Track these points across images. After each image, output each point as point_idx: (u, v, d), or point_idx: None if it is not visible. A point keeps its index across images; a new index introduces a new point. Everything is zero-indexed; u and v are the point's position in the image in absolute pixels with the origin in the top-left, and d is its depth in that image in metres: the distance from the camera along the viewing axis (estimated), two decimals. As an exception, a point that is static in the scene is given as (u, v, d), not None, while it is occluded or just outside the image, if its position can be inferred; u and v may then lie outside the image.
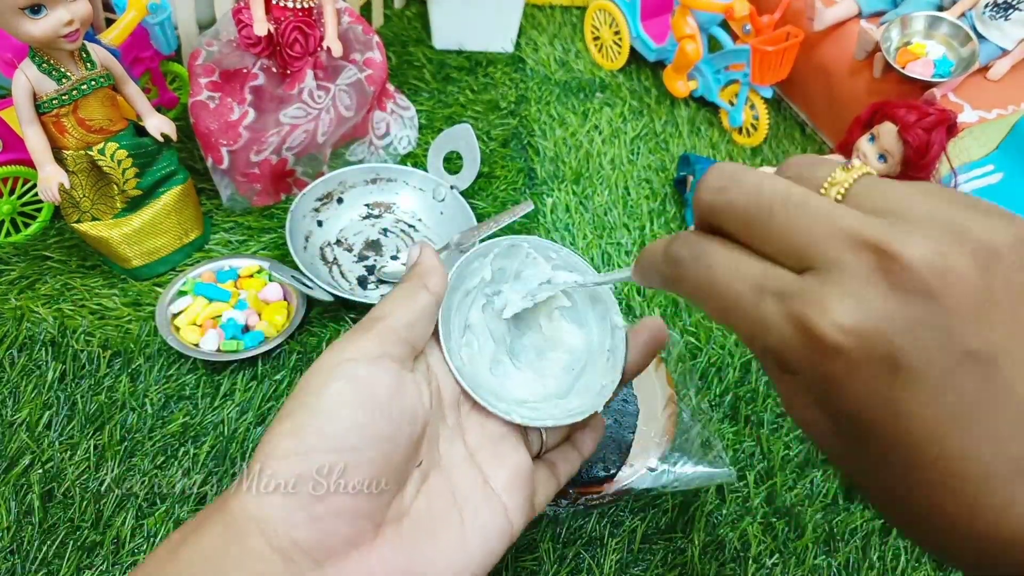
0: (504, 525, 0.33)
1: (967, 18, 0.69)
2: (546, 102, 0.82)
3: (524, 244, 0.39)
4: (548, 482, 0.38)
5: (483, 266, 0.39)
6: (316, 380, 0.31)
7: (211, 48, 0.63)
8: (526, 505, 0.34)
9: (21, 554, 0.45)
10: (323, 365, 0.31)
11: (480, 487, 0.34)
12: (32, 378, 0.54)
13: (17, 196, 0.61)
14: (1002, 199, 0.65)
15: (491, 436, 0.36)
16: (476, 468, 0.34)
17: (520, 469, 0.35)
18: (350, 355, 0.31)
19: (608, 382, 0.38)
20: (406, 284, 0.35)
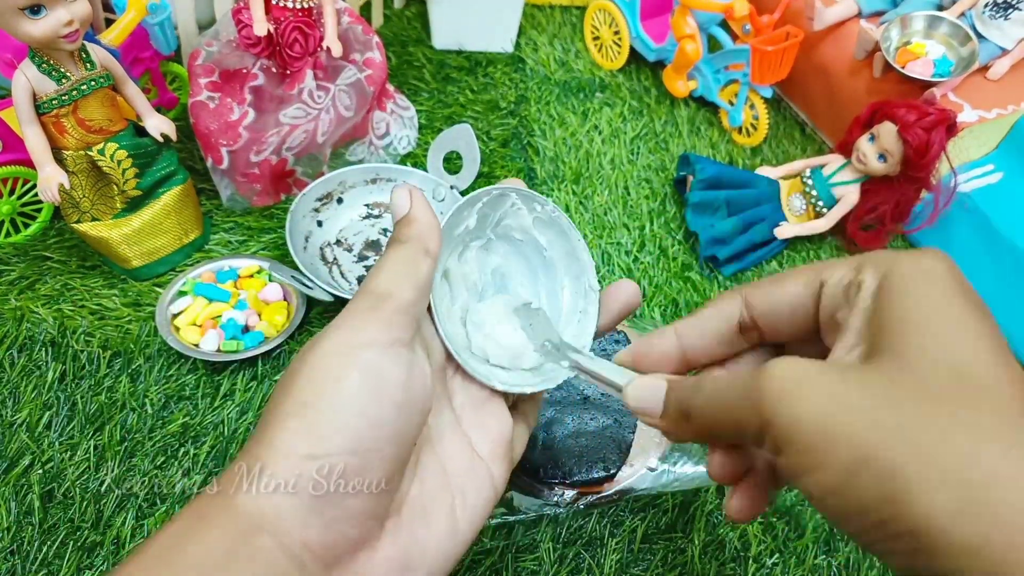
0: (490, 493, 0.33)
1: (967, 18, 0.69)
2: (546, 102, 0.82)
3: (512, 194, 0.39)
4: (522, 434, 0.37)
5: (470, 214, 0.38)
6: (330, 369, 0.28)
7: (211, 48, 0.63)
8: (508, 468, 0.34)
9: (21, 554, 0.45)
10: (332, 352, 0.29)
11: (468, 457, 0.33)
12: (32, 378, 0.54)
13: (17, 196, 0.61)
14: (1002, 199, 0.65)
15: (474, 399, 0.35)
16: (463, 435, 0.34)
17: (503, 435, 0.35)
18: (363, 341, 0.29)
19: (580, 346, 0.38)
20: (406, 247, 0.32)
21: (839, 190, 0.67)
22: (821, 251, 0.69)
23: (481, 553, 0.47)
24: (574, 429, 0.50)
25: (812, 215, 0.69)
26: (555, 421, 0.50)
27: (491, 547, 0.48)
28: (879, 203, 0.66)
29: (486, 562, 0.47)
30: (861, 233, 0.68)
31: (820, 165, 0.69)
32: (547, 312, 0.39)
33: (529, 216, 0.40)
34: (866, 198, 0.66)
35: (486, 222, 0.40)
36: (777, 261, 0.69)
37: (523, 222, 0.40)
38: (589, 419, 0.50)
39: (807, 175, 0.69)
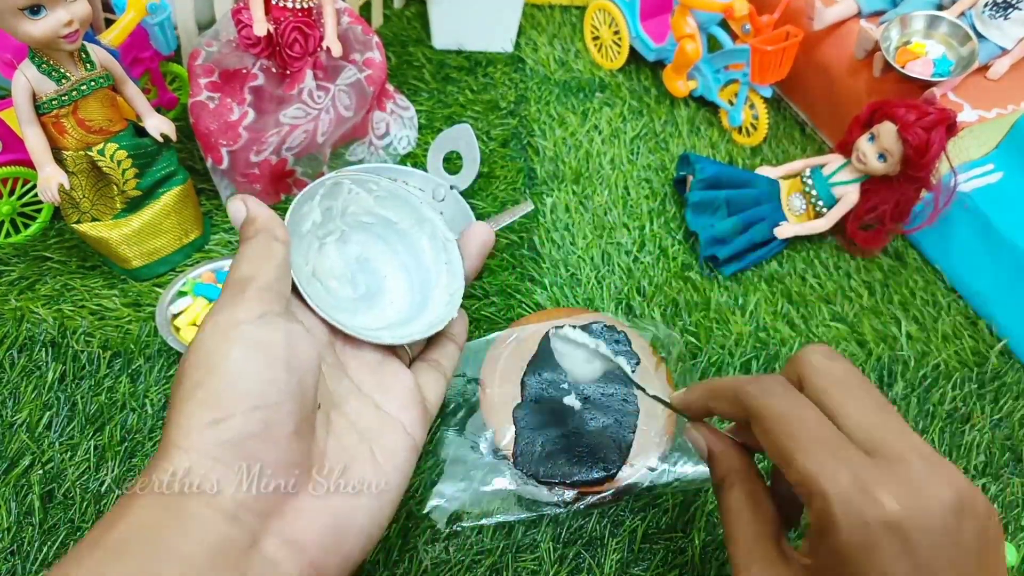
0: (407, 440, 0.37)
1: (967, 17, 0.69)
2: (546, 102, 0.82)
3: (345, 181, 0.42)
4: (437, 381, 0.41)
5: (312, 209, 0.41)
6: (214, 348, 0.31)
7: (211, 48, 0.63)
8: (421, 415, 0.38)
9: (21, 555, 0.45)
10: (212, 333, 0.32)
11: (376, 415, 0.37)
12: (32, 379, 0.54)
13: (17, 197, 0.61)
14: (1002, 198, 0.65)
15: (369, 364, 0.39)
16: (367, 397, 0.37)
17: (406, 387, 0.39)
18: (238, 319, 0.32)
19: (454, 290, 0.43)
20: (256, 240, 0.35)
21: (839, 190, 0.67)
22: (821, 251, 0.69)
23: (481, 553, 0.48)
24: (574, 429, 0.50)
25: (812, 215, 0.69)
26: (555, 422, 0.50)
27: (491, 547, 0.48)
28: (879, 203, 0.66)
29: (486, 562, 0.47)
30: (861, 233, 0.68)
31: (820, 165, 0.69)
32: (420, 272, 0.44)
33: (370, 197, 0.43)
34: (866, 198, 0.66)
35: (332, 214, 0.42)
36: (777, 261, 0.69)
37: (366, 204, 0.43)
38: (589, 419, 0.50)
39: (807, 175, 0.69)
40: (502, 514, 0.48)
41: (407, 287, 0.45)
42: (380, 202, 0.44)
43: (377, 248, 0.45)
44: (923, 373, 0.61)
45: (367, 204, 0.44)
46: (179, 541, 0.28)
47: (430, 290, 0.44)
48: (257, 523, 0.30)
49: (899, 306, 0.66)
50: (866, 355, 0.62)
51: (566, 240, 0.68)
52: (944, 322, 0.65)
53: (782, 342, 0.62)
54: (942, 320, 0.65)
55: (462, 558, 0.47)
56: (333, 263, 0.43)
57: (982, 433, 0.57)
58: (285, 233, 0.37)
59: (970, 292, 0.67)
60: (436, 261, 0.44)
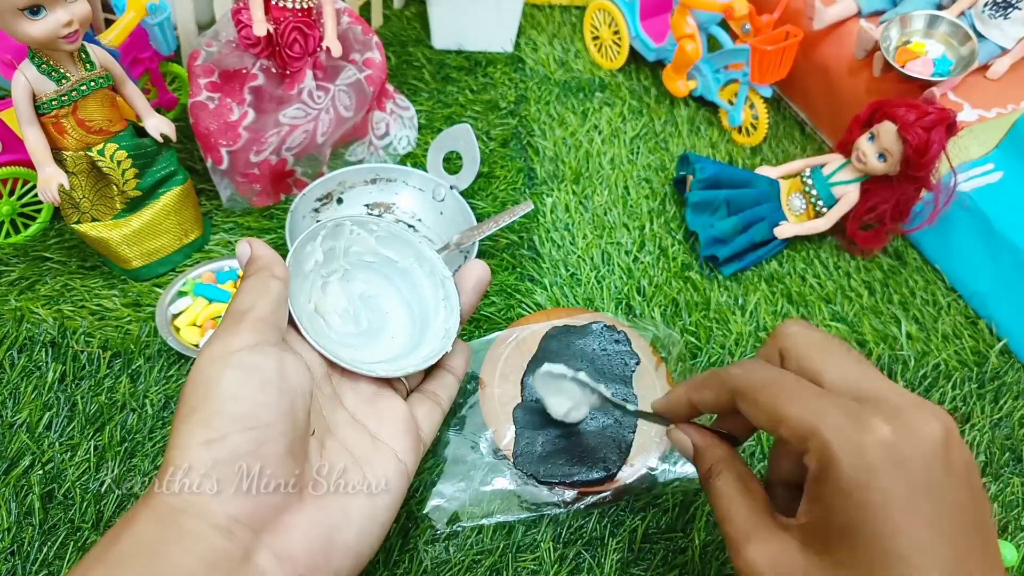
0: (399, 467, 0.39)
1: (966, 17, 0.69)
2: (545, 102, 0.82)
3: (347, 223, 0.44)
4: (432, 412, 0.43)
5: (314, 249, 0.43)
6: (209, 375, 0.33)
7: (210, 48, 0.63)
8: (414, 444, 0.40)
9: (21, 555, 0.45)
10: (209, 361, 0.34)
11: (370, 442, 0.38)
12: (32, 379, 0.54)
13: (17, 197, 0.61)
14: (1002, 198, 0.65)
15: (365, 396, 0.41)
16: (361, 426, 0.39)
17: (400, 417, 0.40)
18: (233, 347, 0.34)
19: (450, 325, 0.44)
20: (255, 277, 0.38)
21: (839, 189, 0.67)
22: (821, 251, 0.69)
23: (481, 553, 0.48)
24: (573, 429, 0.50)
25: (812, 214, 0.69)
26: (555, 422, 0.50)
27: (491, 547, 0.48)
28: (879, 202, 0.66)
29: (486, 562, 0.47)
30: (861, 233, 0.68)
31: (820, 164, 0.69)
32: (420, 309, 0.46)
33: (371, 237, 0.46)
34: (866, 197, 0.66)
35: (335, 254, 0.45)
36: (777, 261, 0.69)
37: (369, 245, 0.46)
38: (589, 419, 0.50)
39: (807, 174, 0.69)
40: (502, 514, 0.48)
41: (408, 322, 0.46)
42: (381, 242, 0.46)
43: (380, 285, 0.47)
44: (923, 373, 0.61)
45: (369, 244, 0.46)
46: (177, 554, 0.30)
47: (428, 325, 0.46)
48: (250, 537, 0.32)
49: (899, 306, 0.66)
50: (866, 355, 0.62)
51: (566, 240, 0.68)
52: (944, 322, 0.65)
53: (782, 342, 0.62)
54: (942, 320, 0.65)
55: (462, 558, 0.47)
56: (336, 300, 0.45)
57: (982, 433, 0.57)
58: (284, 271, 0.39)
59: (970, 292, 0.67)
60: (435, 297, 0.46)
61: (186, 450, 0.32)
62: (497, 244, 0.67)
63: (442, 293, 0.45)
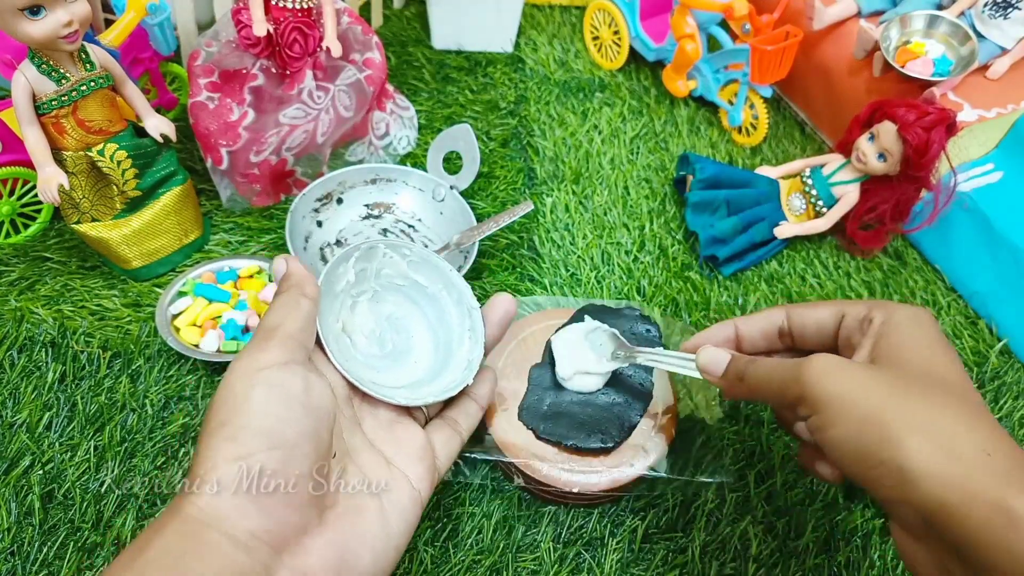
0: (413, 494, 0.39)
1: (966, 17, 0.69)
2: (545, 102, 0.82)
3: (380, 245, 0.45)
4: (451, 439, 0.43)
5: (347, 270, 0.44)
6: (238, 390, 0.34)
7: (210, 49, 0.63)
8: (428, 472, 0.40)
9: (22, 555, 0.45)
10: (238, 376, 0.35)
11: (385, 468, 0.39)
12: (32, 379, 0.54)
13: (17, 197, 0.61)
14: (1002, 198, 0.65)
15: (383, 422, 0.41)
16: (377, 452, 0.40)
17: (416, 445, 0.41)
18: (261, 364, 0.35)
19: (474, 357, 0.44)
20: (286, 294, 0.38)
21: (839, 189, 0.67)
22: (821, 251, 0.69)
23: (481, 553, 0.48)
24: (584, 398, 0.50)
25: (812, 214, 0.69)
26: (568, 388, 0.50)
27: (491, 547, 0.48)
28: (879, 202, 0.66)
29: (486, 562, 0.47)
30: (861, 233, 0.68)
31: (820, 164, 0.69)
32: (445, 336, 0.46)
33: (403, 261, 0.46)
34: (866, 197, 0.66)
35: (366, 275, 0.45)
36: (777, 261, 0.69)
37: (400, 268, 0.46)
38: (601, 393, 0.50)
39: (807, 174, 0.69)
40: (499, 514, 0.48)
41: (432, 348, 0.47)
42: (412, 266, 0.46)
43: (407, 309, 0.47)
44: (923, 373, 0.61)
45: (400, 267, 0.46)
46: (199, 567, 0.30)
47: (452, 354, 0.46)
48: (270, 555, 0.32)
49: (899, 306, 0.66)
50: (866, 355, 0.62)
51: (566, 240, 0.68)
52: (944, 322, 0.65)
53: (782, 342, 0.62)
54: (942, 320, 0.65)
55: (462, 558, 0.47)
56: (364, 320, 0.45)
57: (982, 433, 0.57)
58: (315, 290, 0.39)
59: (970, 292, 0.67)
60: (461, 327, 0.46)
61: (214, 464, 0.32)
62: (497, 244, 0.67)
63: (468, 323, 0.45)
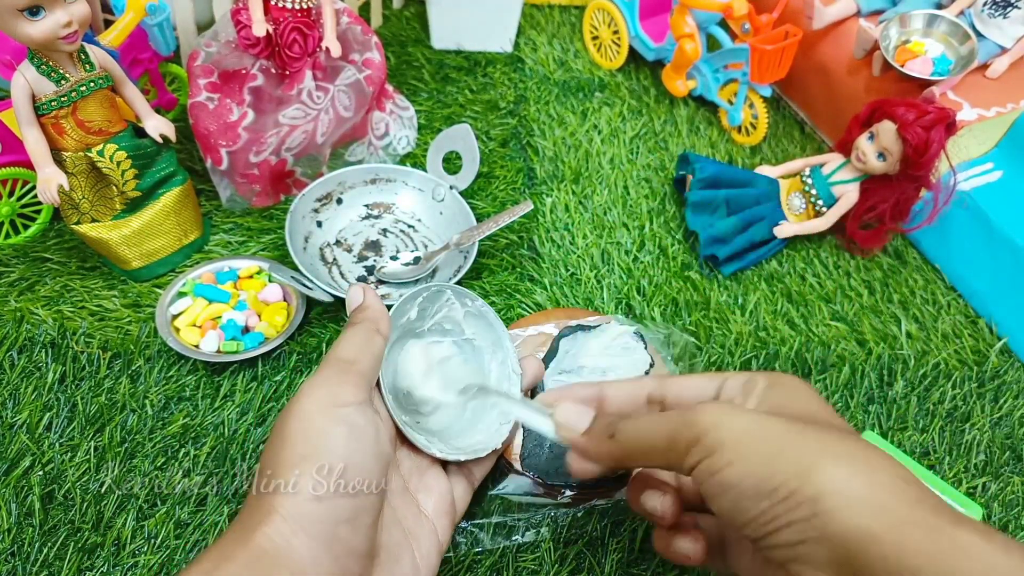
0: (437, 545, 0.40)
1: (966, 16, 0.69)
2: (545, 102, 0.82)
3: (448, 292, 0.45)
4: (466, 492, 0.44)
5: (411, 307, 0.44)
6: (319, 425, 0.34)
7: (210, 49, 0.63)
8: (451, 525, 0.41)
9: (22, 556, 0.45)
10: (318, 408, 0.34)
11: (416, 514, 0.40)
12: (32, 380, 0.54)
13: (16, 198, 0.61)
14: (1001, 197, 0.65)
15: (418, 465, 0.42)
16: (411, 497, 0.40)
17: (444, 495, 0.41)
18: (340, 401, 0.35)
19: (506, 423, 0.45)
20: (363, 327, 0.38)
21: (838, 189, 0.67)
22: (821, 250, 0.69)
23: (481, 553, 0.48)
24: None
25: (812, 214, 0.69)
26: None
27: (491, 547, 0.48)
28: (878, 202, 0.66)
29: (486, 562, 0.47)
30: (860, 232, 0.68)
31: (819, 164, 0.69)
32: None
33: (462, 310, 0.46)
34: (865, 197, 0.66)
35: (426, 314, 0.46)
36: (777, 260, 0.69)
37: (455, 315, 0.47)
38: None
39: (806, 174, 0.69)
40: (499, 515, 0.48)
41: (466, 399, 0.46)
42: (468, 317, 0.47)
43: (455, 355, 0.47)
44: (923, 372, 0.61)
45: (456, 315, 0.46)
46: None
47: (485, 411, 0.46)
48: None
49: (899, 305, 0.66)
50: (866, 354, 0.62)
51: (566, 240, 0.68)
52: (944, 321, 0.65)
53: (782, 341, 0.62)
54: (942, 319, 0.65)
55: (462, 558, 0.47)
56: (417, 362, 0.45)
57: (982, 432, 0.57)
58: (388, 328, 0.40)
59: (970, 291, 0.67)
60: (498, 388, 0.46)
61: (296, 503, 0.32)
62: (497, 244, 0.67)
63: (506, 385, 0.46)
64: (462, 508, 0.43)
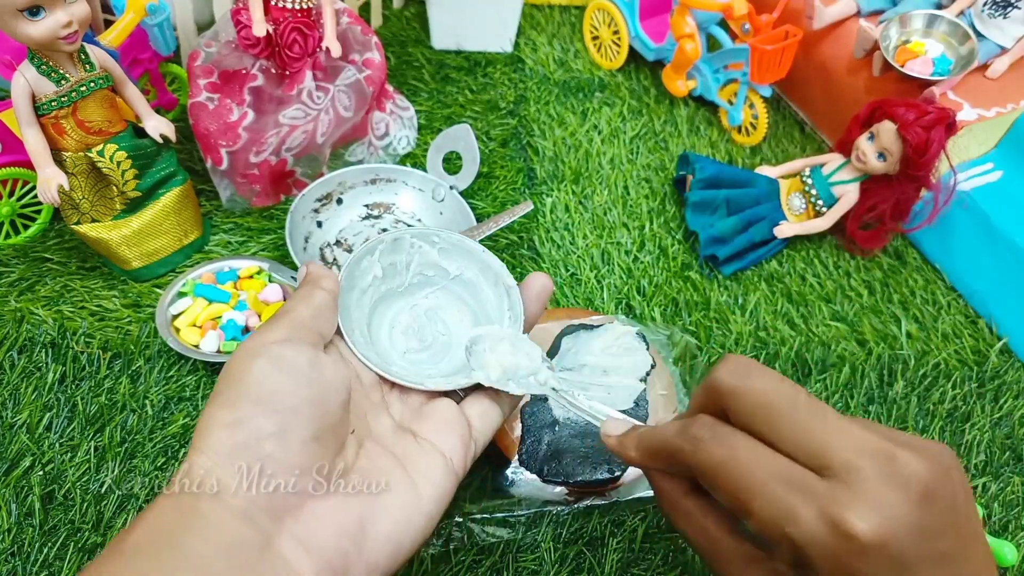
0: (445, 464, 0.37)
1: (966, 16, 0.69)
2: (545, 102, 0.82)
3: (406, 236, 0.43)
4: (489, 410, 0.41)
5: (372, 264, 0.42)
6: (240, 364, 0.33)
7: (210, 49, 0.63)
8: (462, 442, 0.38)
9: (22, 556, 0.45)
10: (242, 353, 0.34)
11: (414, 443, 0.37)
12: (32, 380, 0.54)
13: (17, 198, 0.61)
14: (1001, 197, 0.65)
15: (413, 406, 0.40)
16: (405, 431, 0.38)
17: (446, 418, 0.39)
18: (266, 340, 0.34)
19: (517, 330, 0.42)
20: (301, 289, 0.38)
21: (838, 189, 0.67)
22: (821, 250, 0.69)
23: (481, 552, 0.48)
24: (581, 430, 0.50)
25: (812, 214, 0.69)
26: (563, 422, 0.50)
27: (492, 546, 0.48)
28: (879, 202, 0.66)
29: (486, 562, 0.47)
30: (861, 232, 0.68)
31: (819, 164, 0.69)
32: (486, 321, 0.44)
33: (433, 250, 0.44)
34: (865, 197, 0.66)
35: (396, 269, 0.44)
36: (777, 260, 0.69)
37: (431, 258, 0.45)
38: None
39: (806, 174, 0.69)
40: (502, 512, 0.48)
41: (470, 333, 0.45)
42: (444, 254, 0.45)
43: (444, 299, 0.46)
44: (923, 372, 0.61)
45: (431, 257, 0.45)
46: (193, 542, 0.29)
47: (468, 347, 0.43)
48: (271, 524, 0.31)
49: (899, 305, 0.66)
50: (866, 354, 0.62)
51: (566, 240, 0.68)
52: (944, 321, 0.65)
53: (782, 341, 0.62)
54: (942, 319, 0.65)
55: (462, 558, 0.47)
56: (401, 316, 0.44)
57: (982, 432, 0.57)
58: (332, 284, 0.39)
59: (970, 291, 0.67)
60: (499, 308, 0.44)
61: (208, 434, 0.31)
62: (497, 244, 0.67)
63: (507, 303, 0.44)
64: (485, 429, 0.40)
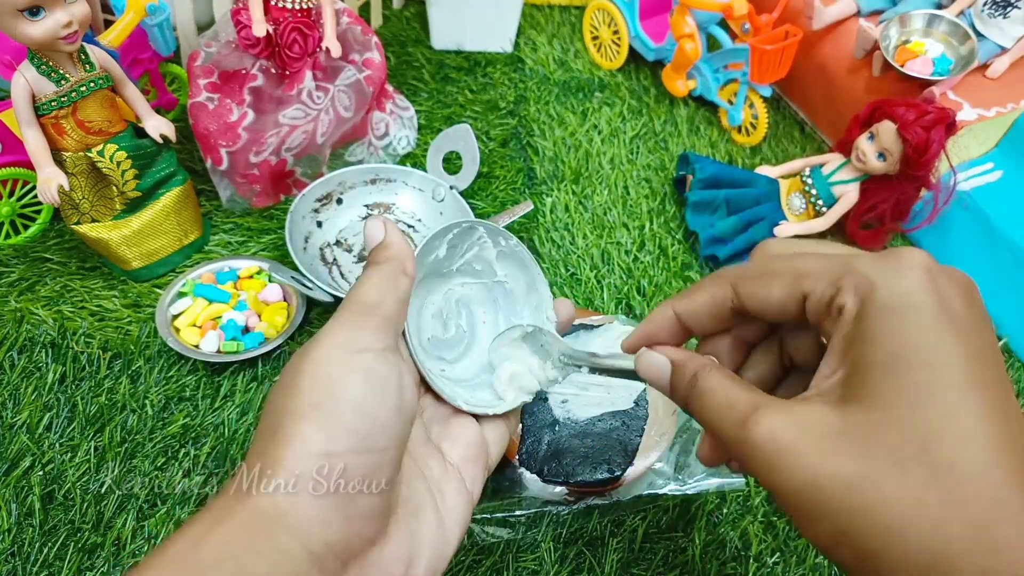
0: (466, 497, 0.36)
1: (966, 16, 0.69)
2: (545, 102, 0.82)
3: (480, 228, 0.41)
4: (503, 437, 0.39)
5: (440, 244, 0.40)
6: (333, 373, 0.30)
7: (210, 49, 0.63)
8: (482, 471, 0.37)
9: (22, 556, 0.45)
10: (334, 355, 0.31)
11: (441, 464, 0.36)
12: (32, 380, 0.54)
13: (17, 198, 0.61)
14: (1001, 197, 0.65)
15: (442, 415, 0.38)
16: (433, 447, 0.36)
17: (472, 442, 0.37)
18: (360, 346, 0.31)
19: None
20: (386, 267, 0.35)
21: (838, 189, 0.67)
22: (821, 250, 0.69)
23: (482, 553, 0.48)
24: (581, 430, 0.50)
25: (812, 214, 0.69)
26: (563, 422, 0.50)
27: (492, 546, 0.48)
28: (878, 202, 0.66)
29: (487, 562, 0.47)
30: (861, 232, 0.68)
31: (819, 164, 0.69)
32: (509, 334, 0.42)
33: (494, 250, 0.43)
34: (865, 197, 0.66)
35: (455, 252, 0.42)
36: (777, 260, 0.68)
37: (487, 255, 0.43)
38: (597, 420, 0.50)
39: (806, 174, 0.69)
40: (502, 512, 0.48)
41: None
42: (500, 257, 0.43)
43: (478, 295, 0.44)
44: (923, 372, 0.61)
45: (489, 255, 0.43)
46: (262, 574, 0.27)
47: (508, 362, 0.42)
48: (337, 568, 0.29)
49: (899, 305, 0.66)
50: (866, 354, 0.62)
51: (566, 240, 0.68)
52: (944, 321, 0.65)
53: (782, 341, 0.62)
54: (942, 319, 0.65)
55: (462, 558, 0.47)
56: (431, 295, 0.42)
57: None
58: (413, 268, 0.36)
59: (970, 291, 0.67)
60: None
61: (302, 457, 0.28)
62: (497, 244, 0.67)
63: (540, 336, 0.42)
64: (497, 453, 0.39)
